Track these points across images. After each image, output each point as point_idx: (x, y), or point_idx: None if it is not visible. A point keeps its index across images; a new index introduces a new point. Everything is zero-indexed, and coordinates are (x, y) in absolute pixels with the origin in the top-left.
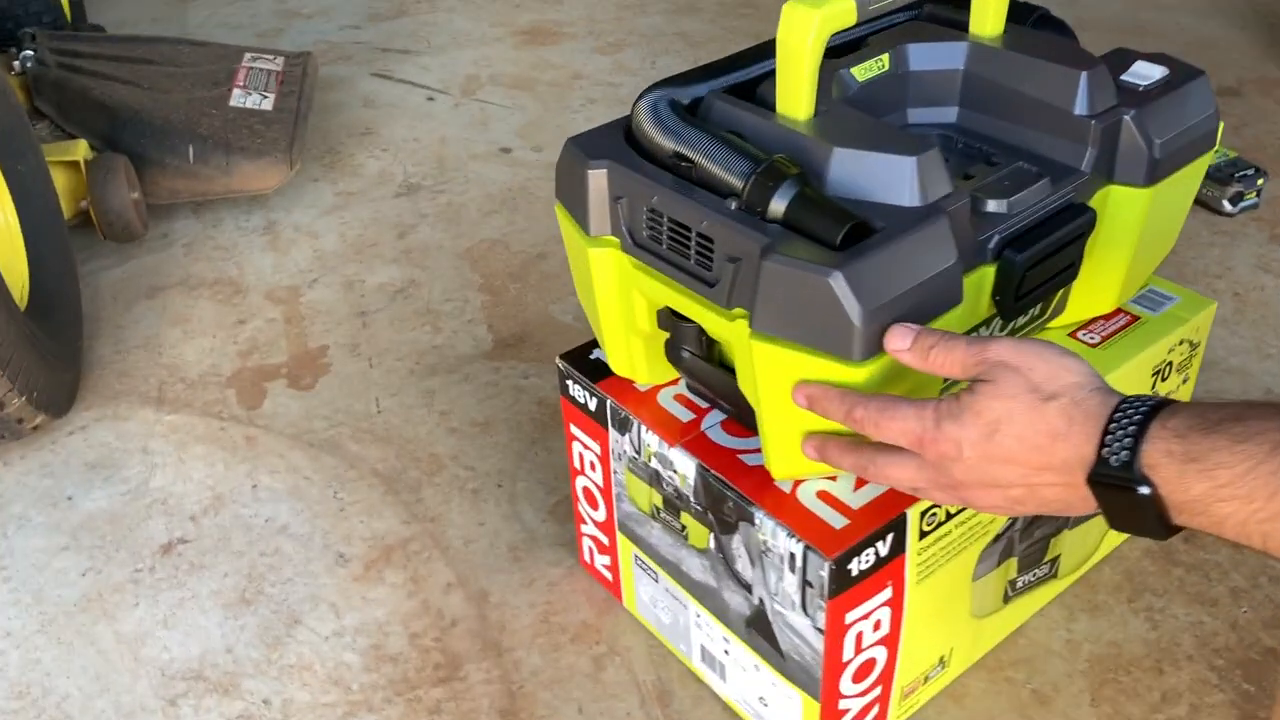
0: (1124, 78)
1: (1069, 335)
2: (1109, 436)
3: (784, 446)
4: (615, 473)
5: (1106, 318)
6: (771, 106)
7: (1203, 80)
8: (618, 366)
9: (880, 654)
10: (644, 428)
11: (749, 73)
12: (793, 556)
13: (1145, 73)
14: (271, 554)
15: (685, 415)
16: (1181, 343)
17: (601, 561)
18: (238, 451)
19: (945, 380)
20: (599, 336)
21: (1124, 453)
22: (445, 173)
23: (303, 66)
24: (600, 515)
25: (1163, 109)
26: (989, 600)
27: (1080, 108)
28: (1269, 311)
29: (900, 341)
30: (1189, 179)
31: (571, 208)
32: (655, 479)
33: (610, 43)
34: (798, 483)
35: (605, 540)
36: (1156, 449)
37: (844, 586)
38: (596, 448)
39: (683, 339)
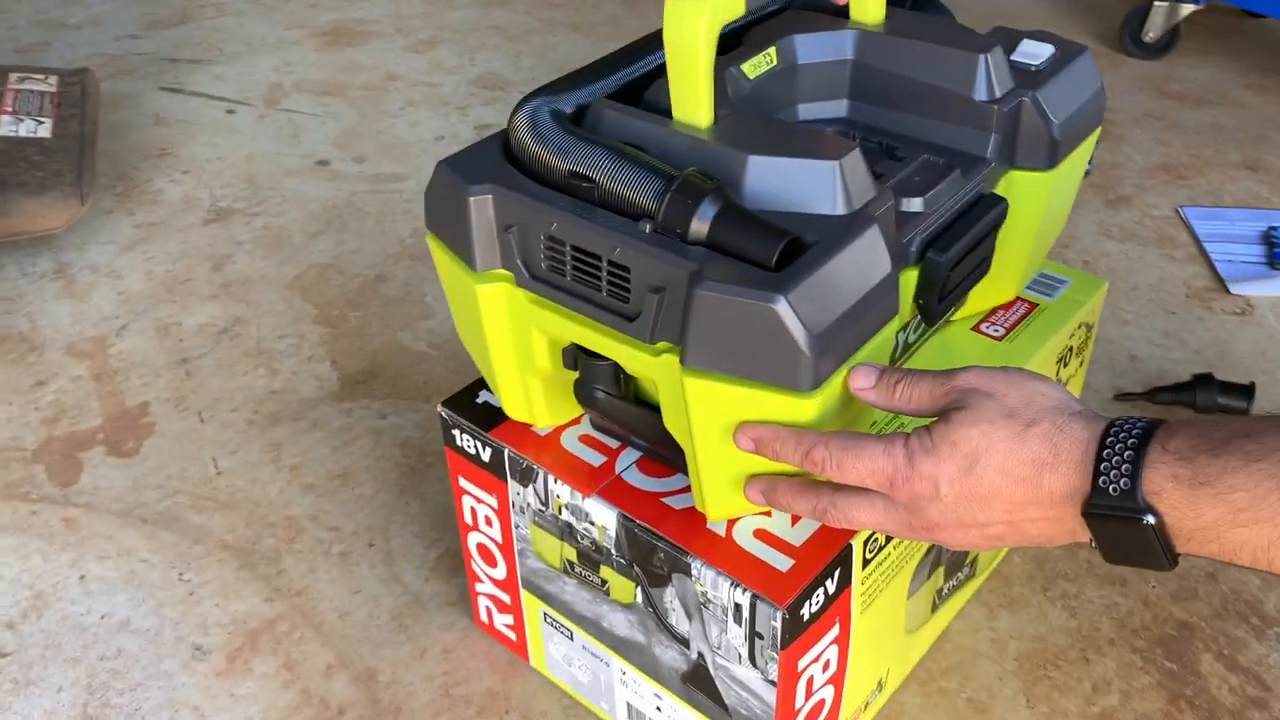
0: (1014, 58)
1: (973, 330)
2: (1104, 464)
3: (720, 487)
4: (517, 527)
5: (1006, 307)
6: (665, 112)
7: (1088, 55)
8: (514, 411)
9: (829, 693)
10: (551, 478)
11: (630, 74)
12: (738, 608)
13: (1034, 51)
14: (114, 656)
15: (596, 459)
16: (1080, 326)
17: (503, 621)
18: (56, 538)
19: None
20: (490, 380)
21: (1123, 480)
22: (258, 193)
23: (81, 85)
24: (499, 573)
25: (1058, 88)
26: (920, 613)
27: (981, 93)
28: (1117, 278)
29: (864, 381)
30: (1081, 157)
31: (450, 240)
32: (567, 532)
33: (422, 40)
34: (732, 523)
35: (506, 599)
36: (1160, 474)
37: (797, 633)
38: (492, 501)
39: (595, 378)
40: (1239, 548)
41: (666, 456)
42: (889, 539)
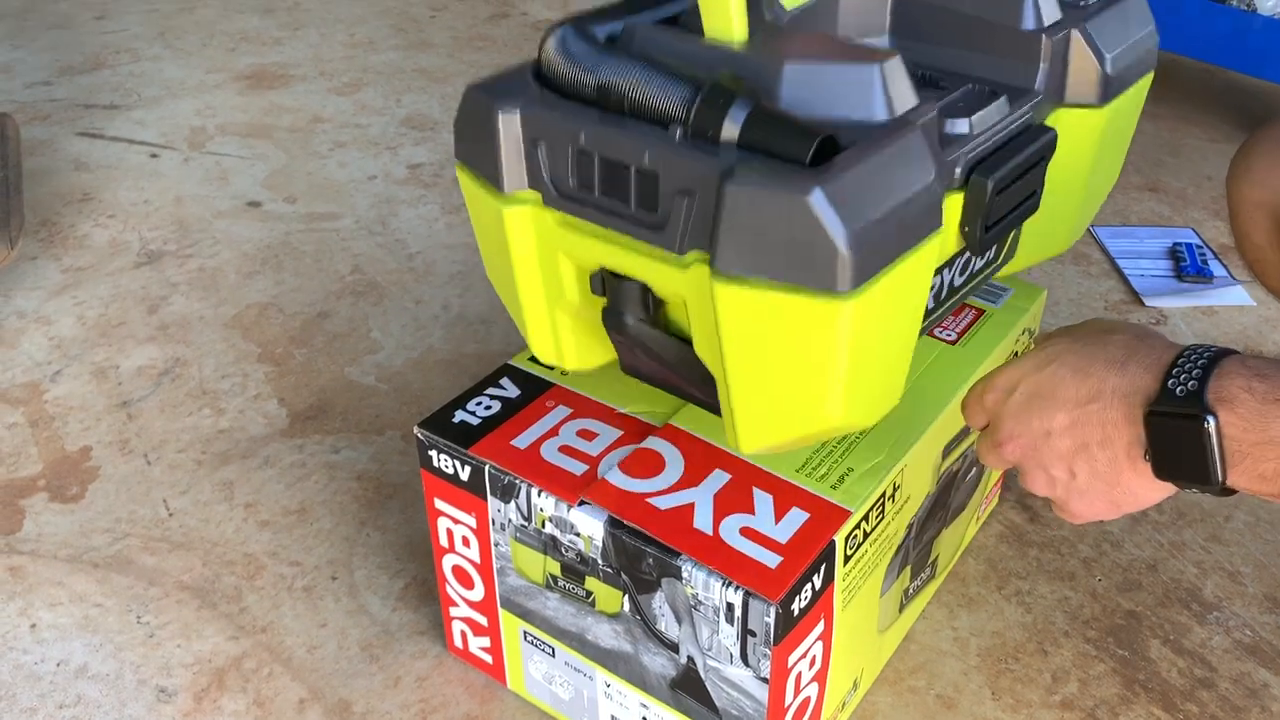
0: None
1: (927, 335)
2: (1176, 369)
3: (754, 412)
4: (497, 545)
5: (955, 314)
6: (697, 32)
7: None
8: (541, 352)
9: (813, 691)
10: (535, 491)
11: (661, 12)
12: (730, 606)
13: None
14: (73, 704)
15: (577, 468)
16: (1024, 331)
17: (478, 644)
18: (2, 588)
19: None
20: (517, 319)
21: (1191, 383)
22: (189, 235)
23: (1, 131)
24: (476, 594)
25: (1109, 22)
26: (890, 612)
27: (1028, 22)
28: None
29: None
30: (1135, 100)
31: (477, 164)
32: (551, 545)
33: (346, 83)
34: (719, 522)
35: (483, 621)
36: (1234, 383)
37: (788, 629)
38: (471, 520)
39: (624, 302)
40: None
41: (699, 397)
42: (865, 536)
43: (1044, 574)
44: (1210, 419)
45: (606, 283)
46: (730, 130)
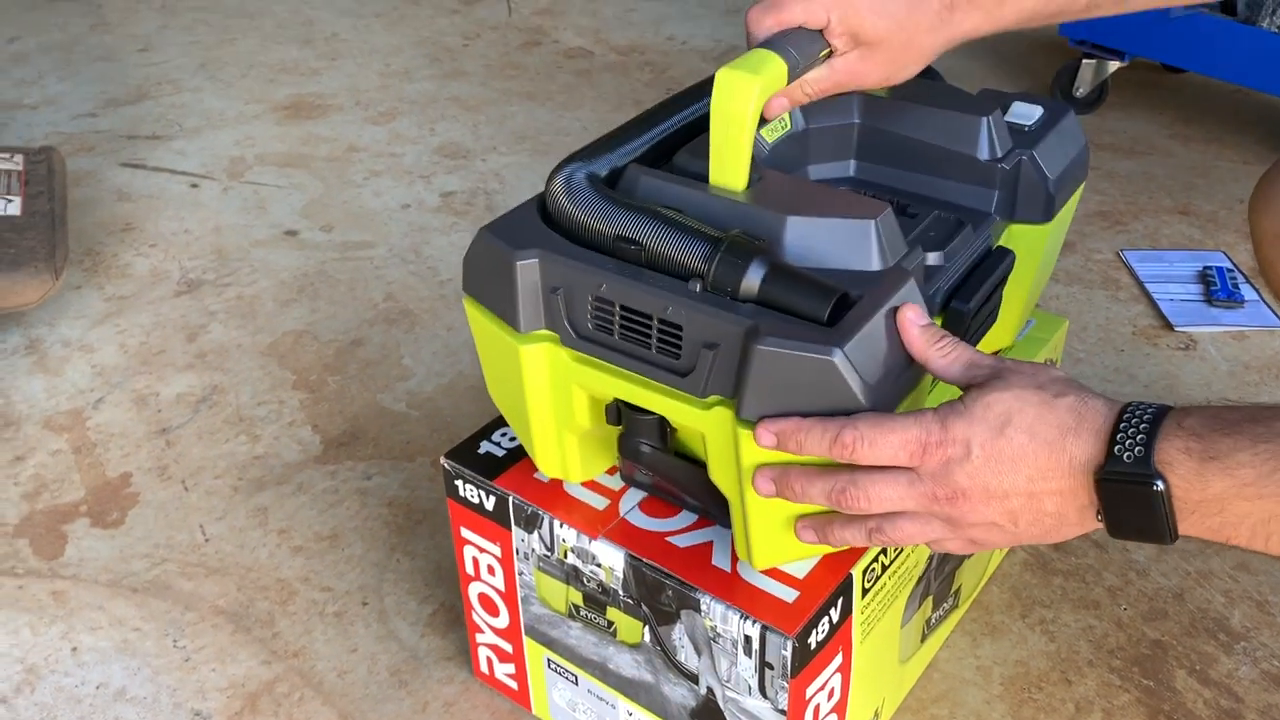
0: (1009, 119)
1: None
2: (1119, 434)
3: (769, 536)
4: (521, 574)
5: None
6: (695, 176)
7: (1072, 115)
8: (547, 468)
9: None
10: (557, 523)
11: (654, 137)
12: (748, 639)
13: (1026, 112)
14: None
15: (599, 502)
16: (1046, 362)
17: (504, 671)
18: (45, 611)
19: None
20: (524, 439)
21: (1138, 449)
22: (227, 264)
23: (47, 163)
24: (501, 622)
25: (1050, 146)
26: (911, 643)
27: (984, 152)
28: (1068, 319)
29: (919, 316)
30: (1070, 209)
31: (492, 303)
32: (573, 576)
33: (382, 112)
34: (736, 558)
35: (508, 648)
36: (1174, 445)
37: (805, 661)
38: (496, 549)
39: (641, 433)
40: (1240, 521)
41: (708, 511)
42: (884, 569)
43: (1068, 602)
44: (1159, 482)
45: (623, 414)
46: (750, 286)
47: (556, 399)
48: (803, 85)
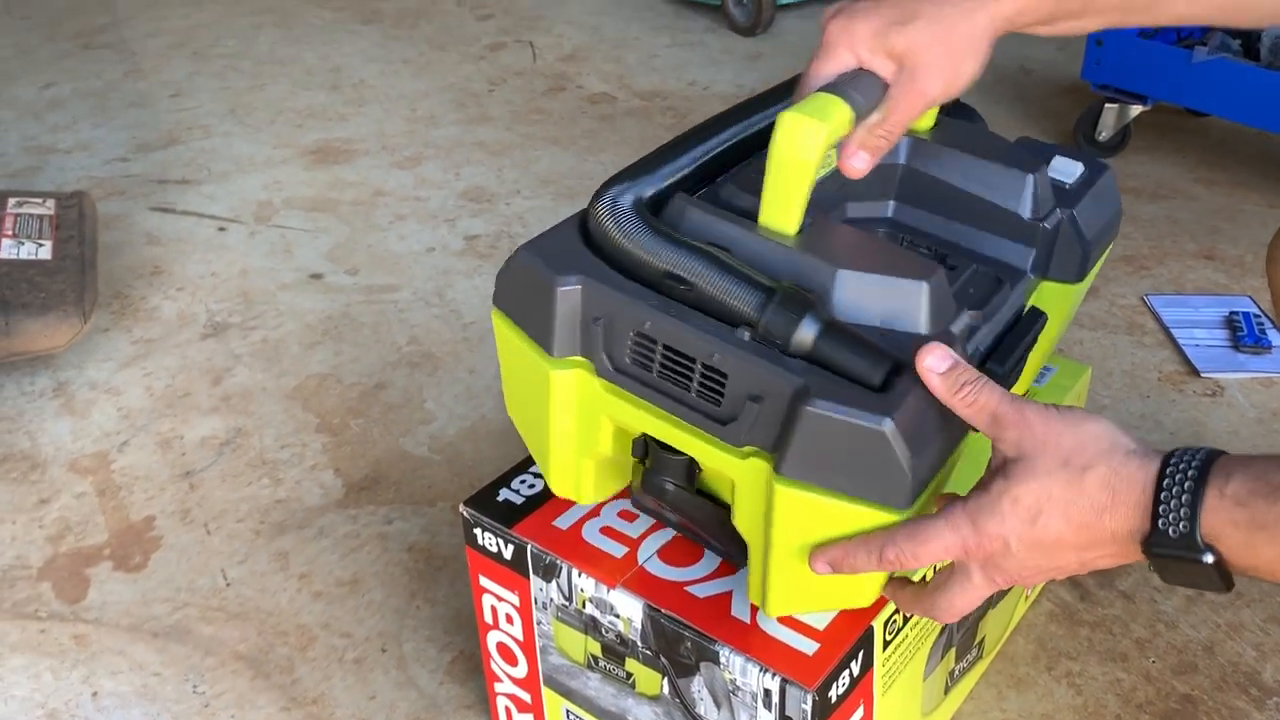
0: (1050, 174)
1: None
2: (1162, 506)
3: (788, 588)
4: (539, 624)
5: None
6: (742, 211)
7: (1110, 174)
8: (560, 489)
9: None
10: (576, 571)
11: (695, 159)
12: (768, 693)
13: (1066, 169)
14: None
15: (618, 550)
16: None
17: None
18: (67, 655)
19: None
20: (539, 457)
21: (1182, 524)
22: (253, 307)
23: (79, 208)
24: (520, 671)
25: (1089, 207)
26: (935, 695)
27: (1027, 211)
28: (1092, 364)
29: (938, 364)
30: (1098, 267)
31: (525, 323)
32: (592, 626)
33: (408, 156)
34: (755, 610)
35: (527, 698)
36: (1219, 519)
37: (825, 715)
38: (514, 599)
39: (668, 471)
40: None
41: (725, 551)
42: (905, 621)
43: (1095, 654)
44: (1208, 554)
45: (650, 450)
46: (802, 340)
47: (581, 425)
48: (875, 131)
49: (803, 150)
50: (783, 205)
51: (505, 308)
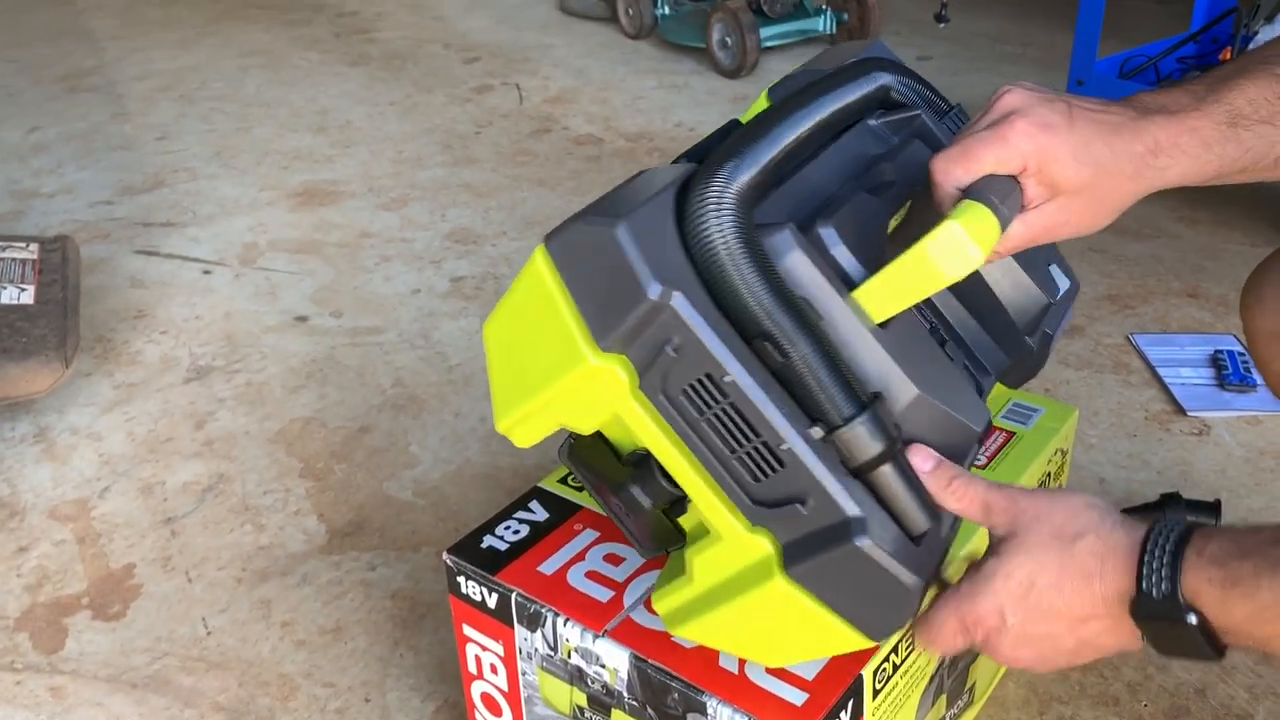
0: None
1: None
2: (1145, 569)
3: (712, 627)
4: (524, 674)
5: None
6: (839, 270)
7: (1077, 290)
8: (504, 428)
9: None
10: (560, 621)
11: (787, 146)
12: None
13: (1058, 282)
14: None
15: (603, 594)
16: (1057, 452)
17: None
18: (42, 708)
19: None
20: (504, 396)
21: (1164, 584)
22: (237, 350)
23: (62, 252)
24: None
25: (1058, 329)
26: None
27: (1026, 329)
28: (1079, 404)
29: (923, 464)
30: None
31: (583, 300)
32: (577, 676)
33: (393, 198)
34: (743, 661)
35: None
36: (1198, 578)
37: None
38: (498, 648)
39: (653, 495)
40: (1269, 640)
41: (628, 531)
42: (895, 669)
43: (1087, 699)
44: (1191, 615)
45: (642, 471)
46: (869, 466)
47: (580, 406)
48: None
49: (950, 269)
50: (892, 299)
51: (562, 264)
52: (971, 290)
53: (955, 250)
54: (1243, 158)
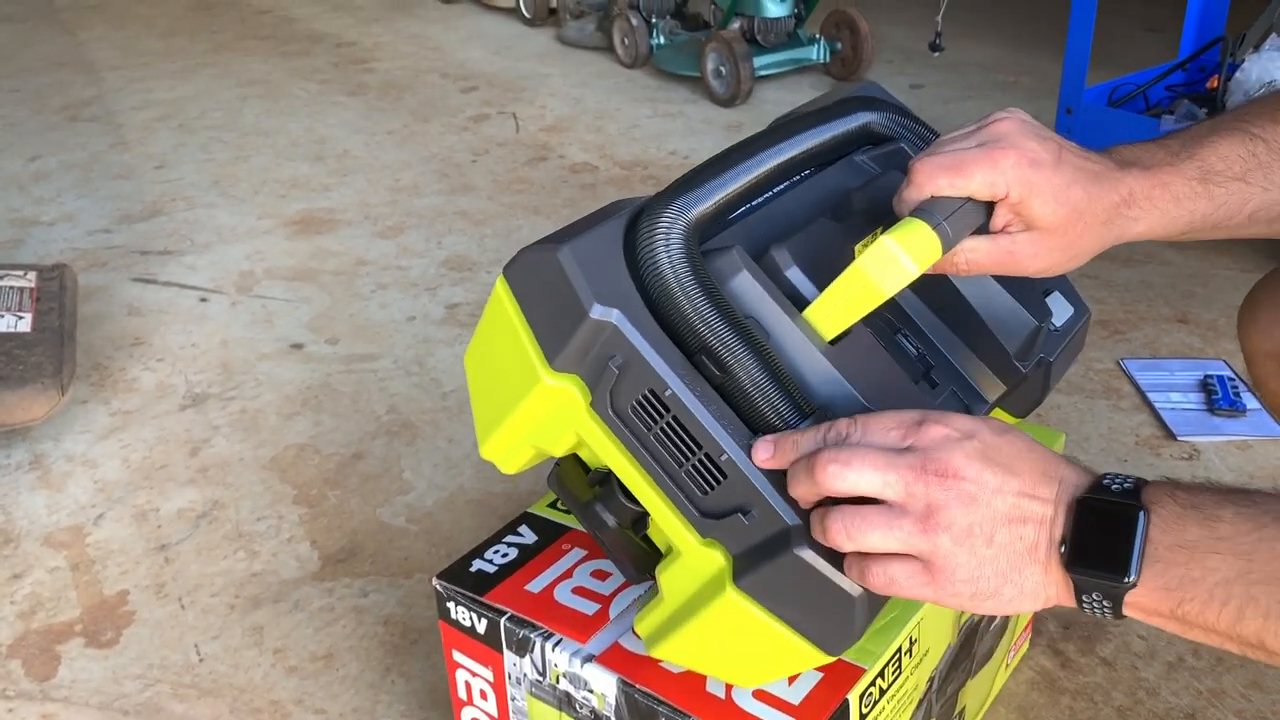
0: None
1: None
2: (1109, 475)
3: (686, 646)
4: (514, 699)
5: None
6: (789, 291)
7: (1088, 319)
8: (489, 454)
9: None
10: (548, 646)
11: (745, 181)
12: None
13: (1060, 311)
14: None
15: (589, 608)
16: None
17: None
18: None
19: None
20: (483, 423)
21: (1127, 484)
22: (232, 377)
23: (59, 280)
24: None
25: (1067, 355)
26: None
27: (1017, 354)
28: (1070, 429)
29: (760, 453)
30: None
31: (536, 322)
32: (566, 702)
33: (390, 226)
34: (730, 686)
35: None
36: (1161, 490)
37: None
38: (488, 674)
39: (615, 512)
40: (1203, 577)
41: (621, 566)
42: (882, 693)
43: None
44: (1142, 513)
45: (605, 490)
46: None
47: (545, 427)
48: (956, 256)
49: (885, 282)
50: (836, 316)
51: (517, 290)
52: (959, 316)
53: (889, 264)
54: (1214, 214)
